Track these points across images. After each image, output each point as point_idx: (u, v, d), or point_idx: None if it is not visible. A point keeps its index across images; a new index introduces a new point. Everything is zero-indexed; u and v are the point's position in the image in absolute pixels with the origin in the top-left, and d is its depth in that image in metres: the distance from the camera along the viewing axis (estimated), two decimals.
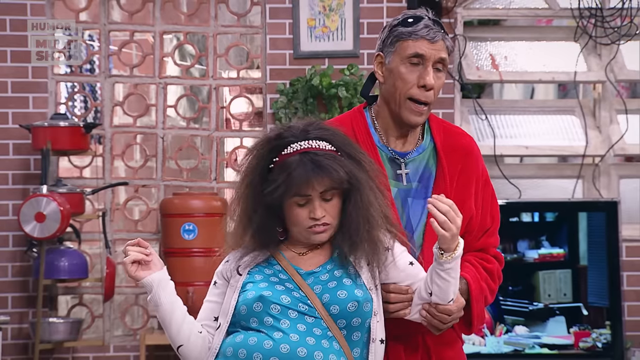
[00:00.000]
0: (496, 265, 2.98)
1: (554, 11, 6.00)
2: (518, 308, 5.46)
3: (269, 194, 2.69)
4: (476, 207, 2.96)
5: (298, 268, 2.72)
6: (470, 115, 5.93)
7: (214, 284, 2.77)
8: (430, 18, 2.89)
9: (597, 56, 6.01)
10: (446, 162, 2.95)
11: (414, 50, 2.86)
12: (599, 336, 5.43)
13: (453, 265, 2.68)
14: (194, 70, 7.34)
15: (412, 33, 2.87)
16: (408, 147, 2.97)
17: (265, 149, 2.74)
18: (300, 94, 5.68)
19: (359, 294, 2.67)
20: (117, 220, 6.00)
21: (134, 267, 2.66)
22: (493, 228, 3.01)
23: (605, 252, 5.48)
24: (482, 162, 3.04)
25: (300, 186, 2.68)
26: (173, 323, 2.68)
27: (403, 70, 2.88)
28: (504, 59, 6.05)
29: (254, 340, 2.63)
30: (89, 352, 5.78)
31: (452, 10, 5.78)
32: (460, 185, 2.95)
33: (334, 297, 2.66)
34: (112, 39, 6.14)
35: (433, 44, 2.86)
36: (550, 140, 5.97)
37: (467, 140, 3.02)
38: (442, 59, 2.88)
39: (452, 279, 2.71)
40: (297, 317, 2.65)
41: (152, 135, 5.96)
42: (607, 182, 5.93)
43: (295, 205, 2.70)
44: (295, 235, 2.75)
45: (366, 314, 2.69)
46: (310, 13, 5.79)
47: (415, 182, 2.95)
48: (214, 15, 5.90)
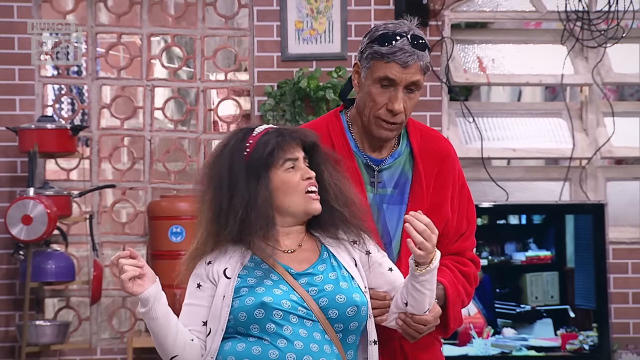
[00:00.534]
0: (472, 269, 2.98)
1: (541, 14, 6.01)
2: (505, 310, 5.47)
3: (254, 169, 2.65)
4: (452, 210, 2.95)
5: (288, 267, 2.68)
6: (458, 117, 5.94)
7: (198, 286, 2.70)
8: (410, 36, 2.82)
9: (584, 59, 6.02)
10: (422, 167, 2.93)
11: (384, 73, 2.82)
12: (586, 338, 5.44)
13: (428, 277, 2.66)
14: (182, 73, 7.33)
15: (385, 55, 2.82)
16: (384, 153, 2.95)
17: (234, 139, 2.73)
18: (288, 97, 5.68)
19: (357, 298, 2.65)
20: (105, 223, 5.99)
21: (130, 283, 2.59)
22: (469, 231, 3.00)
23: (592, 255, 5.49)
24: (458, 165, 3.02)
25: (286, 149, 2.68)
26: (169, 335, 2.62)
27: (373, 90, 2.85)
28: (491, 61, 6.05)
29: (258, 350, 2.59)
30: (76, 355, 5.76)
31: (440, 12, 5.79)
32: (437, 189, 2.94)
33: (332, 301, 2.64)
34: (100, 41, 6.12)
35: (405, 68, 2.81)
36: (537, 142, 5.98)
37: (444, 144, 3.01)
38: (414, 82, 2.84)
39: (428, 290, 2.69)
40: (297, 322, 2.61)
41: (140, 138, 5.95)
42: (594, 185, 5.95)
43: (285, 173, 2.68)
44: (287, 209, 2.69)
45: (363, 317, 2.68)
46: (298, 15, 5.78)
47: (391, 188, 2.93)
48: (202, 17, 5.90)
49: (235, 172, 2.68)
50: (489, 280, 5.43)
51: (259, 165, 2.67)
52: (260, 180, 2.66)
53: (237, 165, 2.68)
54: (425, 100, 5.81)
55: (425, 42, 2.87)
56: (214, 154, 2.75)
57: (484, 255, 5.42)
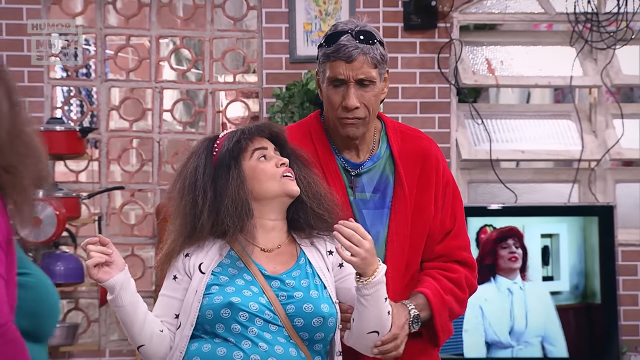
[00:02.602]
0: (462, 273, 2.89)
1: (549, 16, 6.00)
2: None
3: (224, 163, 2.66)
4: (436, 209, 2.89)
5: (262, 268, 2.65)
6: (467, 119, 5.93)
7: (174, 278, 2.68)
8: (355, 32, 2.80)
9: (592, 61, 6.02)
10: (404, 169, 2.88)
11: (332, 73, 2.82)
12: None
13: (372, 293, 2.57)
14: (190, 75, 7.34)
15: (329, 55, 2.82)
16: (362, 156, 2.91)
17: (202, 146, 2.74)
18: (296, 98, 5.68)
19: (325, 309, 2.61)
20: (113, 225, 6.00)
21: (96, 269, 2.57)
22: (456, 229, 2.92)
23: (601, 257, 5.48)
24: (443, 163, 2.95)
25: (253, 140, 2.69)
26: (136, 324, 2.60)
27: (329, 92, 2.84)
28: (500, 63, 6.05)
29: (223, 351, 2.58)
30: (85, 357, 5.77)
31: (448, 14, 5.78)
32: (420, 191, 2.88)
33: (299, 310, 2.61)
34: (108, 43, 6.14)
35: (350, 63, 2.79)
36: (546, 144, 5.97)
37: (425, 144, 2.95)
38: (365, 76, 2.79)
39: (372, 307, 2.59)
40: (262, 325, 2.59)
41: (148, 140, 5.96)
42: (603, 187, 5.94)
43: (257, 163, 2.69)
44: (266, 195, 2.68)
45: (330, 328, 2.64)
46: (307, 17, 5.79)
47: (370, 193, 2.88)
48: (210, 19, 5.90)
49: (207, 172, 2.68)
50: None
51: (228, 157, 2.67)
52: (230, 171, 2.66)
53: (208, 166, 2.69)
54: (433, 102, 5.81)
55: (374, 35, 2.83)
56: (183, 163, 2.76)
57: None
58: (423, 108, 5.81)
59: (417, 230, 2.88)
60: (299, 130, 2.90)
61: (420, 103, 5.82)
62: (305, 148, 2.84)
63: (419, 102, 5.81)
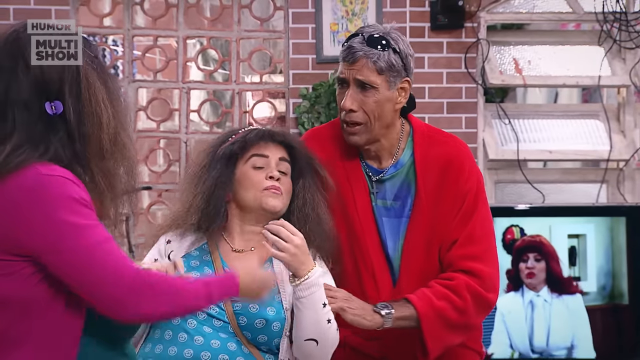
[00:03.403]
0: (462, 280, 2.75)
1: (577, 15, 5.97)
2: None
3: (225, 155, 2.67)
4: (451, 218, 2.81)
5: (225, 264, 2.65)
6: (494, 119, 5.92)
7: (155, 261, 2.68)
8: (367, 35, 2.76)
9: (621, 60, 5.98)
10: (425, 178, 2.81)
11: (338, 74, 2.81)
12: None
13: (307, 295, 2.52)
14: (217, 75, 7.36)
15: (340, 56, 2.81)
16: (384, 163, 2.87)
17: (220, 138, 2.78)
18: (323, 99, 5.69)
19: (271, 312, 2.58)
20: (141, 225, 6.02)
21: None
22: (463, 239, 2.79)
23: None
24: (468, 170, 2.83)
25: (257, 144, 2.69)
26: None
27: (337, 92, 2.82)
28: (527, 63, 6.03)
29: (160, 349, 2.57)
30: None
31: (476, 14, 5.77)
32: (440, 201, 2.80)
33: (245, 309, 2.58)
34: (136, 44, 6.16)
35: (352, 64, 2.76)
36: (574, 144, 5.94)
37: (450, 150, 2.86)
38: (365, 80, 2.74)
39: (308, 310, 2.52)
40: (205, 319, 2.58)
41: (176, 140, 5.98)
42: (631, 187, 5.91)
43: (251, 169, 2.68)
44: (245, 204, 2.66)
45: (274, 333, 2.60)
46: (333, 18, 5.79)
47: (391, 200, 2.84)
48: (237, 20, 5.91)
49: (207, 163, 2.72)
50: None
51: (227, 155, 2.69)
52: (221, 169, 2.68)
53: (211, 158, 2.73)
54: (460, 102, 5.80)
55: (388, 41, 2.76)
56: (200, 150, 2.81)
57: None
58: (450, 108, 5.80)
59: (433, 241, 2.82)
60: (326, 132, 2.88)
61: (447, 103, 5.81)
62: (330, 151, 2.82)
63: (445, 102, 5.81)
